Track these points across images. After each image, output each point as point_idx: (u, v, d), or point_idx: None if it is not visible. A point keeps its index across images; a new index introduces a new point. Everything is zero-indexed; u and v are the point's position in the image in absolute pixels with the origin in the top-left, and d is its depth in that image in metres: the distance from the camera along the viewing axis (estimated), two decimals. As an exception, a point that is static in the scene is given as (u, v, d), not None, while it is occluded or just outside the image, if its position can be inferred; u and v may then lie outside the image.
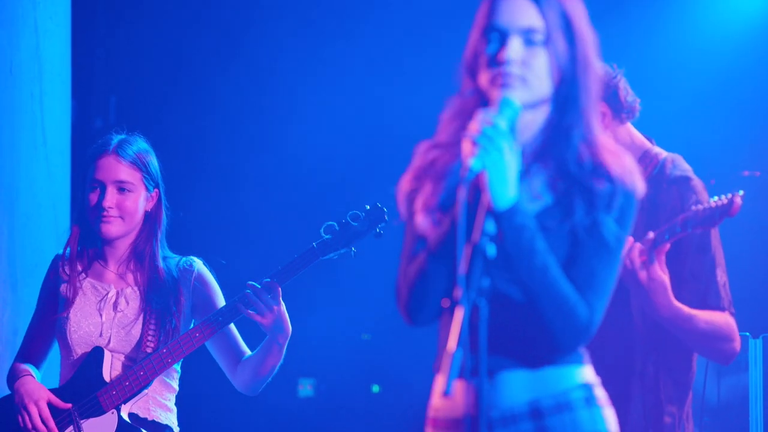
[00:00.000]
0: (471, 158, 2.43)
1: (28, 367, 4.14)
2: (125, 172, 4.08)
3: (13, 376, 4.12)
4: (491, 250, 2.41)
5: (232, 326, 4.15)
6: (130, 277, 4.13)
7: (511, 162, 2.47)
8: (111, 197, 4.05)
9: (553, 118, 2.62)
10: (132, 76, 6.86)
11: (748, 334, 5.57)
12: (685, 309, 3.70)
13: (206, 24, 6.90)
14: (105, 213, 4.05)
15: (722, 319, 3.79)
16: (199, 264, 4.19)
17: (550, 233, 2.54)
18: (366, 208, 4.12)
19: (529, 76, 2.56)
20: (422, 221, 2.63)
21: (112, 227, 4.07)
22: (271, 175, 6.91)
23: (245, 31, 6.91)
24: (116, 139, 4.12)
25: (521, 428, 2.56)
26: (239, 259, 5.73)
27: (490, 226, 2.45)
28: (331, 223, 4.10)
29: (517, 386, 2.57)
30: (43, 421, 4.00)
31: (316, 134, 6.87)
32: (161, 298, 4.06)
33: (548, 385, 2.56)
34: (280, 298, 4.00)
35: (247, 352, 4.16)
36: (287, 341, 4.05)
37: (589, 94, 2.62)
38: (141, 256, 4.13)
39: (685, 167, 3.82)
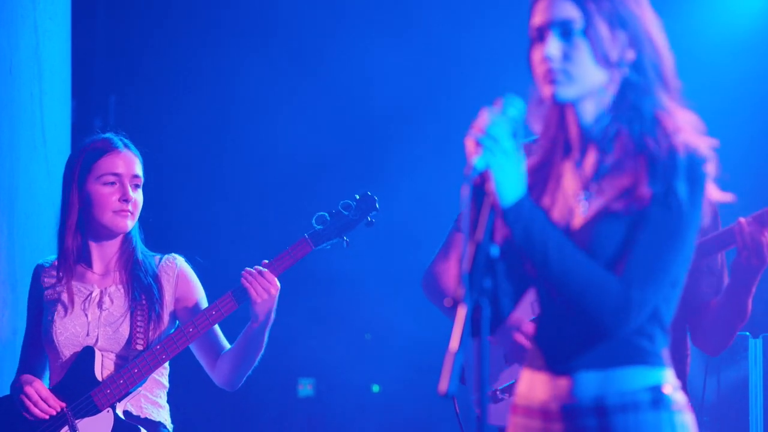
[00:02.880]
0: (475, 157, 2.44)
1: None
2: (139, 168, 4.10)
3: (14, 382, 4.12)
4: (495, 249, 2.41)
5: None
6: (113, 276, 4.11)
7: (515, 161, 2.47)
8: (132, 192, 4.05)
9: (619, 99, 2.60)
10: (131, 75, 6.86)
11: (748, 333, 5.57)
12: None
13: (204, 24, 6.91)
14: (125, 208, 4.04)
15: None
16: (181, 260, 4.17)
17: (617, 217, 2.52)
18: (356, 198, 4.12)
19: (573, 68, 2.55)
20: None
21: (129, 222, 4.07)
22: (270, 171, 6.92)
23: (241, 30, 6.92)
24: (117, 137, 4.13)
25: (585, 423, 2.56)
26: (233, 254, 5.73)
27: (497, 227, 2.46)
28: (322, 213, 4.10)
29: (586, 383, 2.57)
30: (42, 401, 3.99)
31: (308, 129, 6.89)
32: (145, 291, 4.05)
33: (616, 384, 2.56)
34: (277, 283, 3.98)
35: (227, 347, 4.14)
36: (268, 330, 4.04)
37: (657, 71, 2.60)
38: (123, 251, 4.12)
39: None
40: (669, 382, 2.59)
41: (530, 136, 2.70)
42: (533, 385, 2.65)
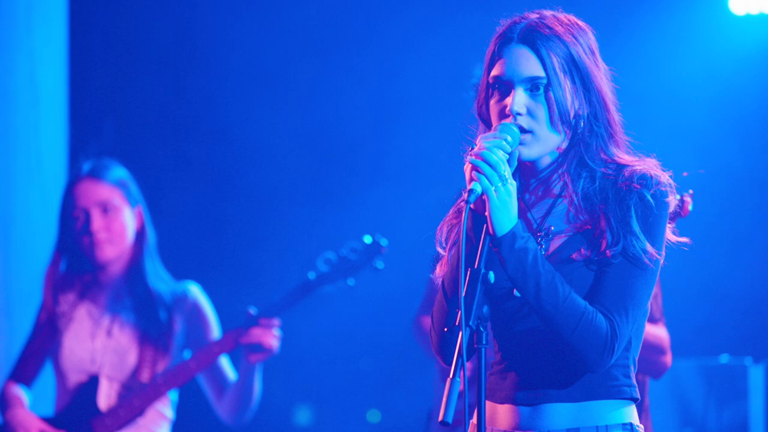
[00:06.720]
0: (472, 182, 2.44)
1: (20, 392, 4.09)
2: (105, 192, 4.05)
3: (4, 404, 4.08)
4: (491, 275, 2.40)
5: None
6: (124, 302, 4.09)
7: (511, 187, 2.47)
8: (97, 220, 4.02)
9: (570, 151, 2.61)
10: (128, 101, 6.85)
11: (748, 361, 5.53)
12: None
13: (201, 49, 6.91)
14: (95, 237, 4.00)
15: (660, 332, 3.88)
16: (195, 291, 4.14)
17: (575, 265, 2.54)
18: (364, 242, 4.08)
19: (537, 128, 2.56)
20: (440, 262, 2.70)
21: (106, 250, 4.03)
22: (267, 199, 6.91)
23: (239, 56, 6.92)
24: (87, 165, 4.10)
25: None
26: (235, 283, 5.71)
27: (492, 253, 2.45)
28: (329, 255, 4.06)
29: (560, 414, 2.56)
30: None
31: (307, 158, 6.89)
32: (154, 321, 4.02)
33: (591, 418, 2.56)
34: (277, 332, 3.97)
35: (233, 380, 4.11)
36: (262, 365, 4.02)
37: (606, 126, 2.61)
38: (133, 278, 4.08)
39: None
40: (637, 420, 2.61)
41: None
42: (494, 415, 2.61)
